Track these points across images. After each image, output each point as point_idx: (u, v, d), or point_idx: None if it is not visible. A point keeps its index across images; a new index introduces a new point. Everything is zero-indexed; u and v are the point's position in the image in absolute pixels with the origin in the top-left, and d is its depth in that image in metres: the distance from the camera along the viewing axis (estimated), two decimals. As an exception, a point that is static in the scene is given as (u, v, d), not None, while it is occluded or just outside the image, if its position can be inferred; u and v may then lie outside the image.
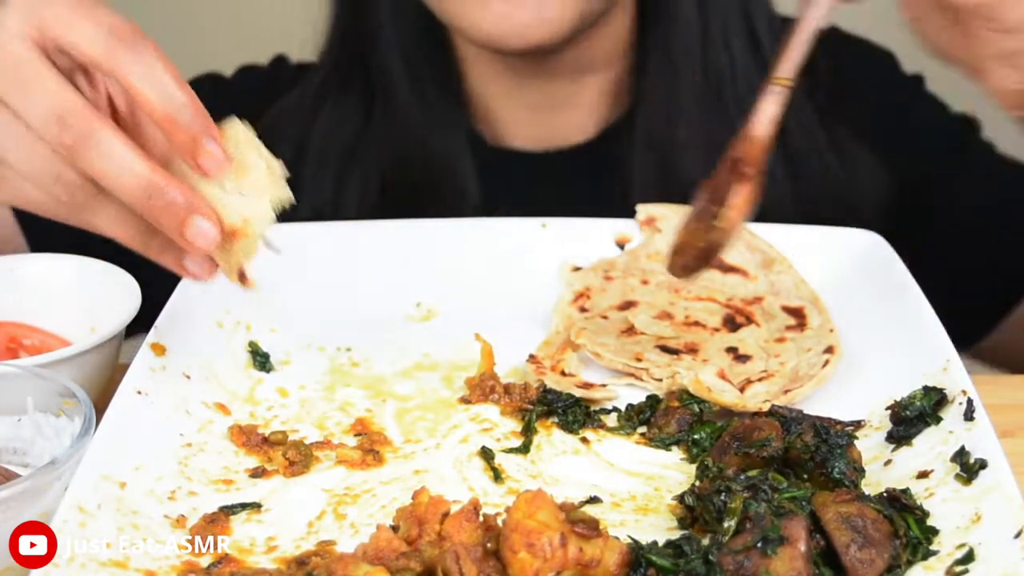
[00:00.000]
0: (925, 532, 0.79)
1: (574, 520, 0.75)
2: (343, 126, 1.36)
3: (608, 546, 0.75)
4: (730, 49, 1.30)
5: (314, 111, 1.37)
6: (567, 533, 0.74)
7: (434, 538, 0.78)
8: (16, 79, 0.80)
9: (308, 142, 1.36)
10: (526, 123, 1.38)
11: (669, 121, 1.31)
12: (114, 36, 0.79)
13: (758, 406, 0.93)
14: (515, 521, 0.75)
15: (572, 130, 1.38)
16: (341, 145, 1.36)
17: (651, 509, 0.85)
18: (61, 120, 0.79)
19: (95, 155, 0.80)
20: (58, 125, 0.80)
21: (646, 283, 1.11)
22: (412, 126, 1.34)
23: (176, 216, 0.82)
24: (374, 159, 1.35)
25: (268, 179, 0.84)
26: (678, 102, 1.30)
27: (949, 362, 0.92)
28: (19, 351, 1.04)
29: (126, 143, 0.80)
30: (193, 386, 0.94)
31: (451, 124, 1.35)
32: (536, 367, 0.99)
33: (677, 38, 1.30)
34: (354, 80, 1.36)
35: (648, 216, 1.17)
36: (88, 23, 0.80)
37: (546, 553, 0.73)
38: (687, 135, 1.29)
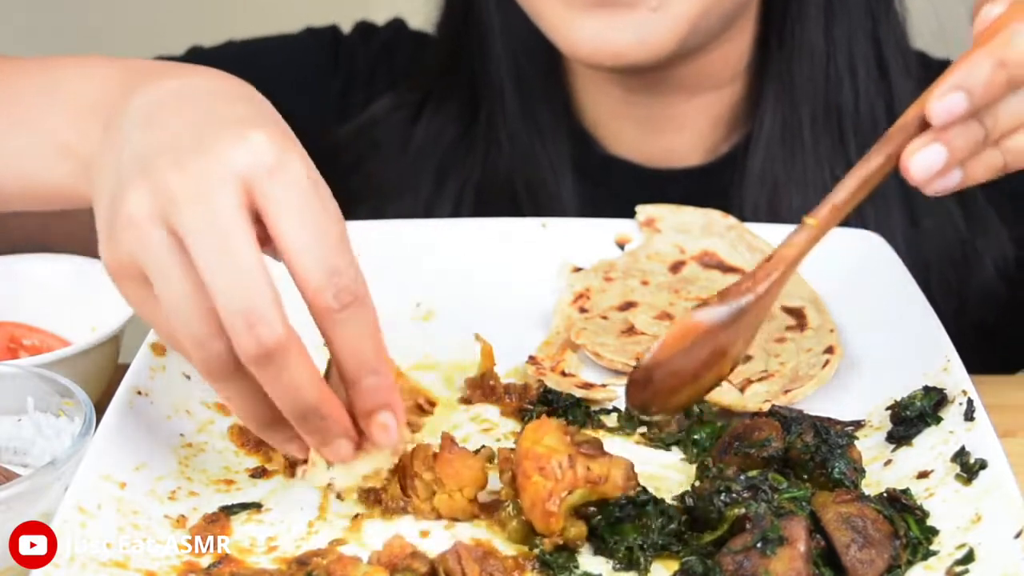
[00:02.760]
0: (925, 532, 0.79)
1: (579, 442, 0.79)
2: (443, 134, 1.33)
3: (614, 463, 0.79)
4: (855, 79, 1.23)
5: (414, 117, 1.33)
6: (574, 454, 0.78)
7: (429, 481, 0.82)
8: (214, 238, 0.71)
9: (406, 147, 1.33)
10: (633, 139, 1.31)
11: (785, 154, 1.23)
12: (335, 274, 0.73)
13: (758, 406, 0.93)
14: (525, 448, 0.78)
15: (680, 151, 1.31)
16: (439, 153, 1.32)
17: (651, 509, 0.85)
18: (249, 323, 0.71)
19: (269, 367, 0.73)
20: (244, 323, 0.71)
21: (646, 284, 1.11)
22: (515, 135, 1.30)
23: (322, 436, 0.77)
24: (471, 169, 1.31)
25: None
26: (796, 135, 1.23)
27: (949, 362, 0.92)
28: (19, 351, 1.04)
29: (304, 367, 0.73)
30: (193, 386, 0.94)
31: (555, 135, 1.30)
32: (536, 367, 0.99)
33: (800, 65, 1.23)
34: (458, 87, 1.32)
35: (648, 217, 1.17)
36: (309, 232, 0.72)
37: (557, 474, 0.77)
38: (802, 170, 1.23)
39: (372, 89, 1.37)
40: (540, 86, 1.30)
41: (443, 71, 1.34)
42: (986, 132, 0.78)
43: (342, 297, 0.73)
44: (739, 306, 0.82)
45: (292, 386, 0.74)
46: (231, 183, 0.72)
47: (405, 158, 1.32)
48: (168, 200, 0.72)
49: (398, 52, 1.39)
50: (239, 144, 0.73)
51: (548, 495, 0.77)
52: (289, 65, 1.39)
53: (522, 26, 1.24)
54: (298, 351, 0.73)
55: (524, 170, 1.30)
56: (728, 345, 0.82)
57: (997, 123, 0.78)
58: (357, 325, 0.74)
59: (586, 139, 1.33)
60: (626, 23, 1.12)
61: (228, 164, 0.72)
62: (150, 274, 0.73)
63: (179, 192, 0.72)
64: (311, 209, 0.73)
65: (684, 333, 0.81)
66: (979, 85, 0.76)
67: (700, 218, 1.16)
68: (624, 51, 1.13)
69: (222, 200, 0.72)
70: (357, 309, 0.74)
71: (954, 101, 0.77)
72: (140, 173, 0.74)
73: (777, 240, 1.11)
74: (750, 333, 0.84)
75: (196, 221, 0.71)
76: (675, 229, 1.16)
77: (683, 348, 0.81)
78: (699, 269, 1.12)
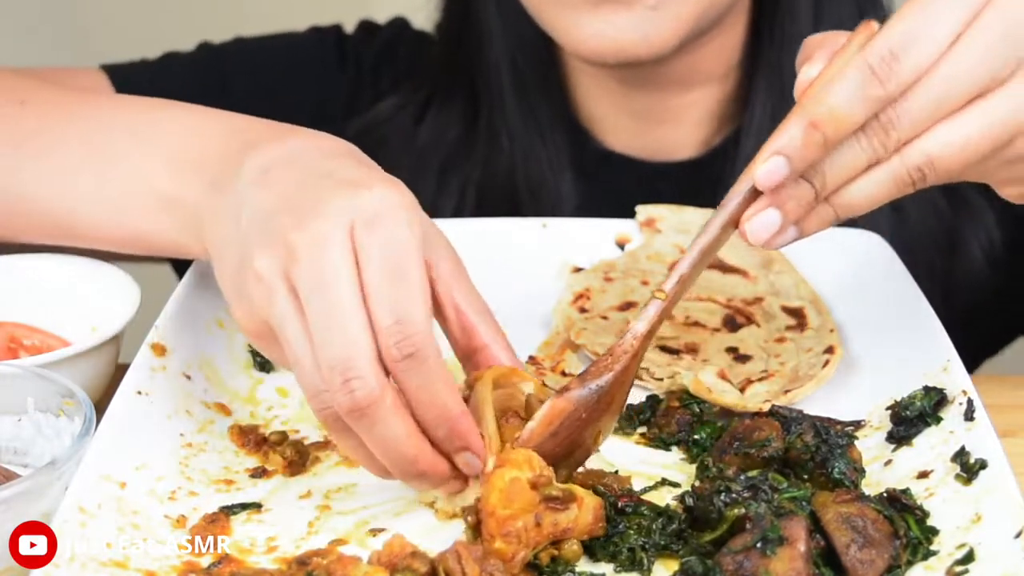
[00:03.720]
0: (925, 532, 0.79)
1: (548, 497, 0.78)
2: (445, 133, 1.34)
3: (583, 509, 0.79)
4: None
5: (419, 117, 1.35)
6: (541, 511, 0.78)
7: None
8: (320, 294, 0.76)
9: (410, 146, 1.34)
10: (630, 133, 1.33)
11: None
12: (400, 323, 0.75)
13: (758, 406, 0.93)
14: (491, 507, 0.77)
15: (676, 145, 1.33)
16: (442, 152, 1.33)
17: (651, 509, 0.85)
18: (344, 378, 0.75)
19: (362, 421, 0.76)
20: (340, 378, 0.75)
21: (646, 284, 1.11)
22: (515, 134, 1.31)
23: (424, 484, 0.81)
24: (473, 167, 1.32)
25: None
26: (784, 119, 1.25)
27: (949, 362, 0.92)
28: (19, 351, 1.04)
29: (399, 422, 0.77)
30: (193, 386, 0.94)
31: (554, 133, 1.32)
32: (536, 367, 0.99)
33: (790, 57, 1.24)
34: (459, 86, 1.33)
35: (648, 217, 1.17)
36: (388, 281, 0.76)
37: (521, 537, 0.77)
38: None
39: (378, 88, 1.38)
40: (538, 85, 1.32)
41: (444, 71, 1.35)
42: (815, 191, 0.80)
43: (404, 347, 0.76)
44: (600, 385, 0.84)
45: (386, 441, 0.77)
46: (342, 240, 0.76)
47: (409, 157, 1.33)
48: (290, 258, 0.76)
49: (401, 51, 1.40)
50: (351, 201, 0.77)
51: (511, 557, 0.77)
52: (297, 63, 1.40)
53: (521, 25, 1.25)
54: (393, 407, 0.76)
55: (524, 167, 1.31)
56: (594, 421, 0.84)
57: (824, 181, 0.80)
58: (419, 376, 0.77)
59: (583, 134, 1.34)
60: (627, 21, 1.13)
61: (341, 221, 0.76)
62: (275, 330, 0.78)
63: (299, 249, 0.76)
64: (396, 261, 0.76)
65: (551, 418, 0.83)
66: (795, 149, 0.78)
67: (700, 218, 1.16)
68: (626, 47, 1.14)
69: (332, 256, 0.76)
70: (417, 362, 0.76)
71: (775, 166, 0.79)
72: (264, 232, 0.78)
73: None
74: (616, 406, 0.86)
75: (309, 278, 0.76)
76: (675, 229, 1.16)
77: (552, 431, 0.83)
78: (699, 269, 1.12)
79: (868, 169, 0.80)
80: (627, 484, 0.86)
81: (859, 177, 0.80)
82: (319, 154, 0.84)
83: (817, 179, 0.80)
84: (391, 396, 0.76)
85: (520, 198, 1.30)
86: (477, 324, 0.85)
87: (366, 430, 0.77)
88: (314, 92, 1.38)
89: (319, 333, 0.76)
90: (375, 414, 0.76)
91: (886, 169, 0.79)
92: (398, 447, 0.78)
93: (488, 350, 0.85)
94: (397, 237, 0.77)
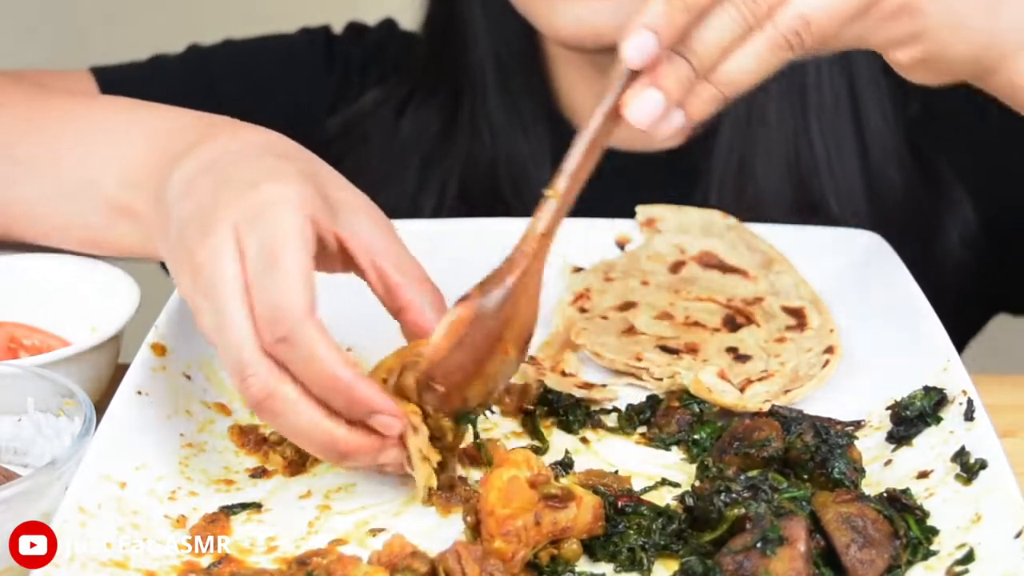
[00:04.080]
0: (925, 532, 0.79)
1: (546, 496, 0.78)
2: (427, 127, 1.35)
3: (582, 508, 0.79)
4: (818, 58, 1.25)
5: (400, 111, 1.36)
6: (540, 510, 0.78)
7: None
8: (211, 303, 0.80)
9: (392, 140, 1.35)
10: None
11: (750, 128, 1.26)
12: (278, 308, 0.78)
13: (758, 406, 0.93)
14: (490, 506, 0.77)
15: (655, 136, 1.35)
16: (423, 146, 1.34)
17: (651, 509, 0.85)
18: (241, 377, 0.79)
19: (265, 414, 0.80)
20: (239, 378, 0.79)
21: (646, 284, 1.11)
22: (497, 127, 1.32)
23: (355, 462, 0.82)
24: (454, 161, 1.33)
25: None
26: (761, 114, 1.26)
27: (949, 362, 0.92)
28: (19, 351, 1.04)
29: (302, 408, 0.79)
30: (193, 386, 0.94)
31: (535, 125, 1.33)
32: (536, 367, 0.99)
33: None
34: (442, 82, 1.34)
35: (648, 217, 1.17)
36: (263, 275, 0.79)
37: (521, 537, 0.77)
38: (767, 148, 1.26)
39: (365, 86, 1.40)
40: (521, 78, 1.33)
41: (428, 66, 1.36)
42: (693, 67, 0.80)
43: (276, 332, 0.78)
44: (502, 291, 0.84)
45: (296, 429, 0.80)
46: (231, 247, 0.80)
47: (391, 151, 1.34)
48: (196, 274, 0.81)
49: (389, 50, 1.41)
50: (238, 203, 0.81)
51: (510, 556, 0.77)
52: (285, 63, 1.41)
53: (505, 21, 1.27)
54: (293, 397, 0.79)
55: (506, 161, 1.32)
56: (502, 328, 0.84)
57: (698, 55, 0.79)
58: (297, 356, 0.78)
59: (565, 126, 1.34)
60: (606, 7, 1.14)
61: (228, 227, 0.80)
62: None
63: (200, 265, 0.81)
64: (270, 251, 0.79)
65: (453, 327, 0.83)
66: (659, 18, 0.78)
67: (700, 218, 1.16)
68: (604, 32, 1.15)
69: (222, 264, 0.79)
70: (291, 345, 0.78)
71: (643, 41, 0.78)
72: (180, 249, 0.84)
73: (776, 238, 1.13)
74: (528, 311, 0.85)
75: (205, 289, 0.80)
76: (675, 229, 1.16)
77: (457, 341, 0.83)
78: (699, 269, 1.12)
79: (743, 41, 0.79)
80: (627, 484, 0.86)
81: (735, 50, 0.80)
82: (238, 157, 0.87)
83: (692, 55, 0.79)
84: (289, 387, 0.79)
85: (502, 191, 1.32)
86: (400, 284, 0.85)
87: (274, 422, 0.80)
88: (301, 93, 1.39)
89: (218, 339, 0.80)
90: (274, 406, 0.79)
91: (761, 38, 0.79)
92: (309, 434, 0.80)
93: (410, 308, 0.86)
94: (271, 229, 0.79)
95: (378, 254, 0.86)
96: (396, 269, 0.86)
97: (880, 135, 1.27)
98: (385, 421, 0.80)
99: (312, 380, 0.79)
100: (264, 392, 0.78)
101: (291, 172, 0.84)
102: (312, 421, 0.80)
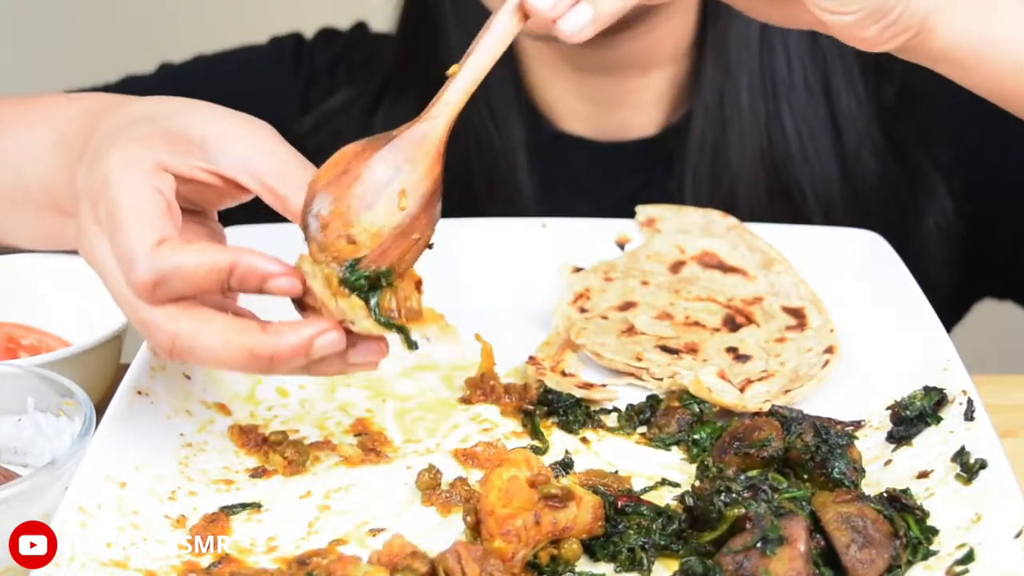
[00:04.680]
0: (925, 532, 0.79)
1: (546, 495, 0.78)
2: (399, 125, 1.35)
3: (581, 508, 0.79)
4: (787, 44, 1.27)
5: (372, 109, 1.36)
6: (540, 510, 0.78)
7: None
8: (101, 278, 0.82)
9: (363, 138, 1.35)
10: (585, 117, 1.35)
11: (723, 120, 1.28)
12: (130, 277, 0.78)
13: (758, 406, 0.93)
14: (490, 505, 0.77)
15: (631, 127, 1.35)
16: None
17: (651, 509, 0.85)
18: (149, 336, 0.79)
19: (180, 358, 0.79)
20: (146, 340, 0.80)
21: (646, 284, 1.11)
22: (470, 124, 1.32)
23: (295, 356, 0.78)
24: None
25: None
26: (733, 101, 1.27)
27: (949, 362, 0.92)
28: (18, 351, 1.04)
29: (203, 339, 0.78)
30: (193, 386, 0.94)
31: (506, 121, 1.34)
32: (536, 367, 0.99)
33: (734, 35, 1.27)
34: (413, 80, 1.35)
35: (648, 217, 1.17)
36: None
37: (521, 536, 0.77)
38: (740, 134, 1.27)
39: (335, 86, 1.41)
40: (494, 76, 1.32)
41: (400, 63, 1.36)
42: None
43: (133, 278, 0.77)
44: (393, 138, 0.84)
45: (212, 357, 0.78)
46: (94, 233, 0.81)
47: None
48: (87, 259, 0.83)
49: (359, 52, 1.42)
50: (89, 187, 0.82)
51: (510, 556, 0.77)
52: (254, 71, 1.43)
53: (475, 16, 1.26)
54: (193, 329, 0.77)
55: (478, 157, 1.33)
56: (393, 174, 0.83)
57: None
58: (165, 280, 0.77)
59: (539, 118, 1.35)
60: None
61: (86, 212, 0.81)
62: None
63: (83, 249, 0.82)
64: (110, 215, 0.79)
65: (334, 159, 0.82)
66: None
67: (700, 218, 1.16)
68: None
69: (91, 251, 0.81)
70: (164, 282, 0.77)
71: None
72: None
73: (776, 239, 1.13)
74: (431, 178, 0.83)
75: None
76: (675, 229, 1.16)
77: (335, 171, 0.81)
78: (699, 269, 1.12)
79: None
80: (627, 484, 0.86)
81: None
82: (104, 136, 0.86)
83: None
84: (186, 322, 0.77)
85: (475, 187, 1.33)
86: (288, 195, 0.83)
87: (193, 359, 0.79)
88: (270, 98, 1.40)
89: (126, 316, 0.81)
90: (182, 345, 0.77)
91: None
92: (225, 354, 0.77)
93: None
94: (109, 196, 0.79)
95: (261, 172, 0.84)
96: (281, 180, 0.84)
97: (854, 119, 1.28)
98: (280, 284, 0.78)
99: (200, 287, 0.77)
100: (170, 337, 0.77)
101: (139, 136, 0.83)
102: (223, 339, 0.77)
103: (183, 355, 0.78)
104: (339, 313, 0.77)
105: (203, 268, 0.77)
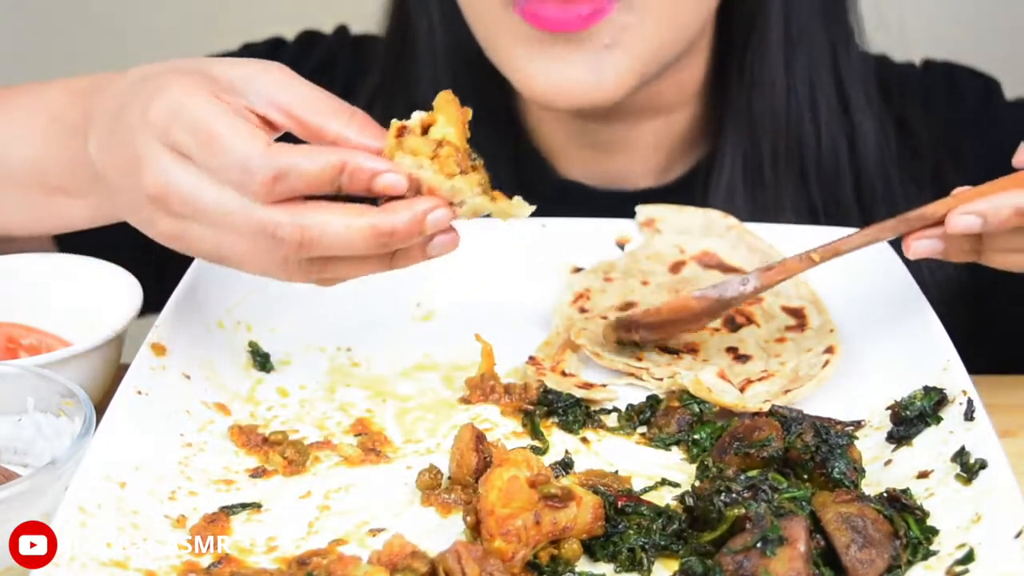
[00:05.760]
0: (925, 532, 0.79)
1: (546, 495, 0.78)
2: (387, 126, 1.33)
3: (581, 508, 0.79)
4: (817, 113, 1.23)
5: None
6: (540, 510, 0.78)
7: None
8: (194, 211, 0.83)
9: None
10: (586, 162, 1.31)
11: (747, 189, 1.24)
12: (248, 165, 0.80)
13: (758, 406, 0.93)
14: (490, 505, 0.77)
15: (633, 174, 1.32)
16: None
17: (651, 509, 0.85)
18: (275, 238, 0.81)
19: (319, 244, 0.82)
20: (271, 243, 0.82)
21: (646, 284, 1.11)
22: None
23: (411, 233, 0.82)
24: None
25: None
26: (758, 170, 1.24)
27: (949, 362, 0.92)
28: (18, 351, 1.04)
29: (331, 217, 0.81)
30: (193, 386, 0.94)
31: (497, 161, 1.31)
32: (536, 367, 0.99)
33: (761, 98, 1.23)
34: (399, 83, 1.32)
35: (648, 217, 1.17)
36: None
37: (521, 536, 0.77)
38: (763, 206, 1.23)
39: None
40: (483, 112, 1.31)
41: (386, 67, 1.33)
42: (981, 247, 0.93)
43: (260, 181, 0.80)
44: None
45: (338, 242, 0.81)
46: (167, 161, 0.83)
47: None
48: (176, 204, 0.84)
49: (340, 59, 1.40)
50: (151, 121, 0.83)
51: (510, 556, 0.77)
52: None
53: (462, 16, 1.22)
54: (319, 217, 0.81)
55: None
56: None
57: (992, 242, 0.92)
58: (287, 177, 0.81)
59: (539, 163, 1.32)
60: (580, 60, 1.11)
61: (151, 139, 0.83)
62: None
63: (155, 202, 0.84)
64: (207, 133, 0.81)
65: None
66: (996, 221, 0.90)
67: (700, 218, 1.16)
68: (578, 92, 1.12)
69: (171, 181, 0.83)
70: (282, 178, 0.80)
71: (970, 223, 0.90)
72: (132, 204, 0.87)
73: (776, 239, 1.13)
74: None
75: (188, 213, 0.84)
76: (675, 229, 1.16)
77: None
78: (699, 269, 1.12)
79: None
80: (627, 484, 0.86)
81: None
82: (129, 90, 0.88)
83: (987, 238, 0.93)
84: (310, 212, 0.81)
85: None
86: (320, 123, 0.85)
87: (320, 248, 0.81)
88: None
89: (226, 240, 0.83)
90: (312, 235, 0.81)
91: None
92: (351, 237, 0.81)
93: (339, 140, 0.85)
94: (189, 117, 0.82)
95: (289, 105, 0.86)
96: (309, 111, 0.86)
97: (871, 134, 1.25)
98: (387, 179, 0.81)
99: (315, 184, 0.81)
100: (298, 229, 0.80)
101: (177, 77, 0.85)
102: (346, 223, 0.81)
103: (312, 245, 0.81)
104: (450, 194, 0.83)
105: (318, 164, 0.80)
